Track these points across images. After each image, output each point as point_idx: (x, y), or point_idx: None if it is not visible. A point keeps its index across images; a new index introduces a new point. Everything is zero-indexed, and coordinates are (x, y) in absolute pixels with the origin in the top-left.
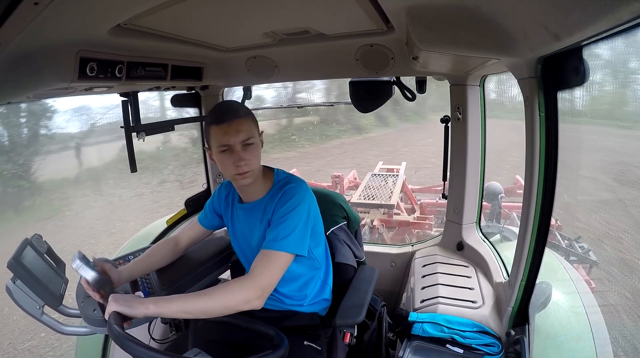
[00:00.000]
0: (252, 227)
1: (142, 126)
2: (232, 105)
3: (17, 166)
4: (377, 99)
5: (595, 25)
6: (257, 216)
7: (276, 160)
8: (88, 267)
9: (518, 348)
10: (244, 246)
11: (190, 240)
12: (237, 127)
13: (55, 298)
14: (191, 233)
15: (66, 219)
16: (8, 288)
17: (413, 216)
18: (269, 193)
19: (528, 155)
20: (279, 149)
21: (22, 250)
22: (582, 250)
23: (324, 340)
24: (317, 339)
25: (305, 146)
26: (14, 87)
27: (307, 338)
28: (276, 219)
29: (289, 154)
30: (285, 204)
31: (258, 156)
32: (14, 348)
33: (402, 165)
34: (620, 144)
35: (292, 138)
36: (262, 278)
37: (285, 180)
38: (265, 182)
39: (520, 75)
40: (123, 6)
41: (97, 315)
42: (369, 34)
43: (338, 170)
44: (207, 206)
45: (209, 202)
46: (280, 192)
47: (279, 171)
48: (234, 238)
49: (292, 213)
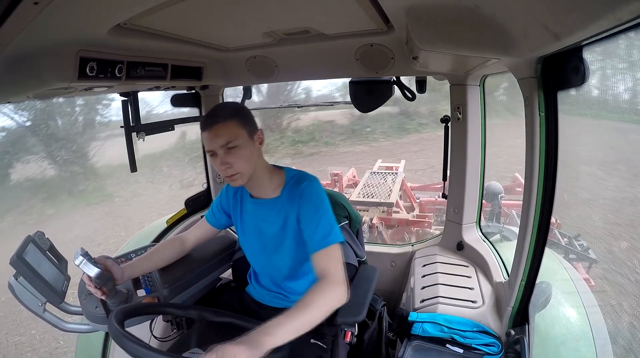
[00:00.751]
0: (265, 221)
1: (142, 126)
2: (217, 109)
3: (70, 152)
4: (377, 99)
5: (595, 25)
6: (272, 212)
7: (343, 155)
8: (91, 264)
9: (518, 348)
10: (253, 240)
11: (197, 239)
12: (217, 132)
13: (57, 295)
14: (198, 232)
15: (113, 205)
16: (10, 284)
17: (412, 214)
18: (284, 191)
19: (528, 155)
20: (350, 143)
21: (25, 247)
22: (581, 248)
23: (329, 338)
24: (323, 337)
25: (378, 140)
26: (14, 87)
27: (313, 336)
28: (309, 218)
29: (359, 148)
30: (312, 202)
31: (245, 157)
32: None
33: (401, 163)
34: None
35: (367, 129)
36: (337, 274)
37: (297, 177)
38: (274, 179)
39: (520, 75)
40: (123, 6)
41: (99, 313)
42: (369, 34)
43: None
44: (214, 204)
45: (216, 200)
46: (299, 190)
47: (289, 169)
48: (242, 233)
49: (322, 208)
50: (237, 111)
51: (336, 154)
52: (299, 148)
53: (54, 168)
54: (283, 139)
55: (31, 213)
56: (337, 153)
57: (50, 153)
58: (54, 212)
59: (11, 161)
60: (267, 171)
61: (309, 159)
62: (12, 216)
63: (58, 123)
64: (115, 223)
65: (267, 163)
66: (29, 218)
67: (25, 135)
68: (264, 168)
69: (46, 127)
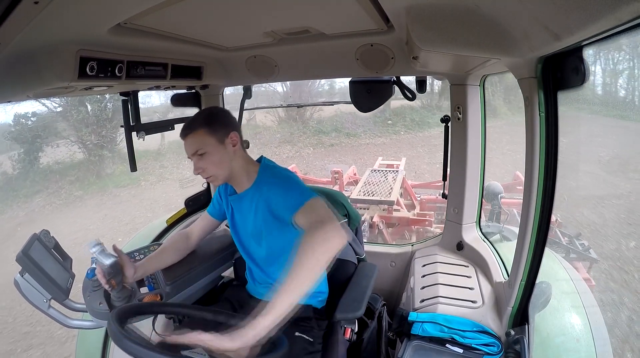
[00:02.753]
0: (244, 215)
1: (142, 125)
2: (190, 120)
3: (100, 137)
4: (377, 99)
5: (595, 25)
6: (246, 204)
7: (364, 146)
8: (105, 253)
9: (518, 348)
10: (242, 234)
11: (202, 232)
12: (187, 142)
13: (62, 291)
14: (202, 224)
15: (140, 188)
16: (16, 281)
17: (413, 212)
18: (255, 182)
19: (528, 155)
20: (370, 134)
21: (31, 244)
22: (582, 248)
23: (317, 332)
24: (310, 331)
25: (399, 133)
26: (14, 86)
27: (298, 329)
28: (279, 195)
29: (379, 140)
30: (277, 183)
31: (215, 162)
32: None
33: (402, 161)
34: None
35: (388, 122)
36: (327, 217)
37: (267, 168)
38: (251, 174)
39: (520, 75)
40: (123, 5)
41: (103, 308)
42: (369, 34)
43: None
44: (215, 197)
45: (216, 194)
46: (266, 181)
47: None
48: (232, 227)
49: (287, 183)
50: (206, 119)
51: (357, 146)
52: (320, 138)
53: (83, 152)
54: (305, 129)
55: (60, 194)
56: (358, 144)
57: (80, 138)
58: (82, 194)
59: (42, 145)
60: (244, 169)
61: (329, 150)
62: (42, 197)
63: (88, 109)
64: (141, 205)
65: (247, 159)
66: (58, 199)
67: (57, 120)
68: (240, 167)
69: (77, 113)
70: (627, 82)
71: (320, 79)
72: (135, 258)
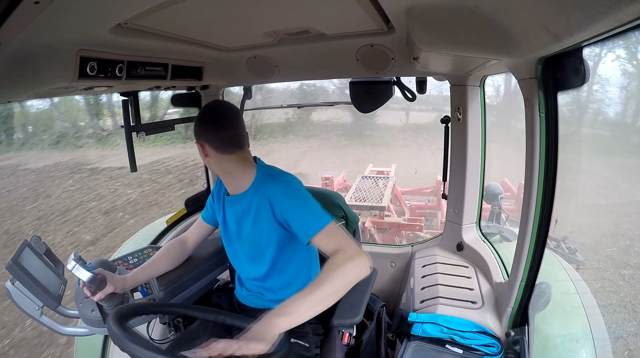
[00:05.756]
0: (239, 219)
1: (143, 126)
2: None
3: None
4: (377, 100)
5: (595, 26)
6: (244, 208)
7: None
8: (83, 268)
9: (518, 349)
10: (233, 238)
11: (198, 237)
12: None
13: (53, 299)
14: (197, 230)
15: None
16: (7, 289)
17: (403, 218)
18: (253, 185)
19: (528, 155)
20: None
21: (21, 251)
22: (569, 251)
23: (312, 337)
24: (305, 336)
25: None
26: (14, 87)
27: (293, 335)
28: (296, 212)
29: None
30: (294, 197)
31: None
32: None
33: (392, 167)
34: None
35: None
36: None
37: (266, 171)
38: (247, 175)
39: (520, 75)
40: (123, 6)
41: (96, 316)
42: (370, 34)
43: None
44: (208, 201)
45: (209, 198)
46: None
47: (261, 164)
48: (224, 231)
49: (306, 200)
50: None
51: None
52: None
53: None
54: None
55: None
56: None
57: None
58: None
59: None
60: (231, 174)
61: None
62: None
63: None
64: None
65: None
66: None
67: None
68: (225, 172)
69: None
70: None
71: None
72: (129, 261)
